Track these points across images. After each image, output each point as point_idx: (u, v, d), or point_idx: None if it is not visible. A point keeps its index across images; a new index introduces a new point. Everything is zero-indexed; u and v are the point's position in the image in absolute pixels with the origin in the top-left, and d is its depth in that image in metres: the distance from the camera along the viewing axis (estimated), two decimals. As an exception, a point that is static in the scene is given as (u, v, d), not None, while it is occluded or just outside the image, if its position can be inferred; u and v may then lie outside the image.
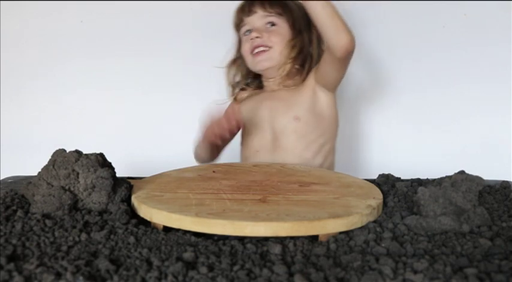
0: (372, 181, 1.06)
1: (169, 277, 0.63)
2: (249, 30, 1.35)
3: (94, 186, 0.88)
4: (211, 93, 1.64)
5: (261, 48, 1.32)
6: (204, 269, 0.65)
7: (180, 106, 1.68)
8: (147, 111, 1.69)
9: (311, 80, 1.33)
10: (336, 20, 1.12)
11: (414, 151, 1.63)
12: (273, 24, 1.33)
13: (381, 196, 0.92)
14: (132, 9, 1.64)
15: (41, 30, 1.66)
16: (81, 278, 0.62)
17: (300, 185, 0.98)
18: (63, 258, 0.68)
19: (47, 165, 0.90)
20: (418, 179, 1.09)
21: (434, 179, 0.99)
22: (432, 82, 1.60)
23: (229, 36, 1.42)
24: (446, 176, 0.91)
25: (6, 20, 1.65)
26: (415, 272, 0.64)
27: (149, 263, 0.67)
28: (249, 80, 1.44)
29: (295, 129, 1.31)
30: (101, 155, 0.93)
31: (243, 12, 1.36)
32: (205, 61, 1.64)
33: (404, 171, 1.14)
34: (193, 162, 1.15)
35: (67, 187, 0.87)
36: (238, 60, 1.44)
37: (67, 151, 0.91)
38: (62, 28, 1.66)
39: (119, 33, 1.65)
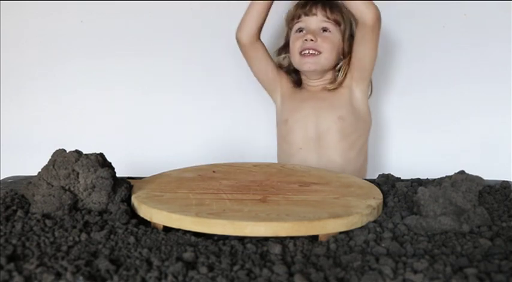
0: (372, 181, 1.06)
1: (169, 277, 0.63)
2: (302, 29, 1.37)
3: (94, 186, 0.88)
4: (211, 93, 1.64)
5: (311, 51, 1.34)
6: (204, 269, 0.65)
7: (180, 106, 1.68)
8: (147, 111, 1.69)
9: (348, 80, 1.37)
10: None
11: (414, 151, 1.63)
12: (326, 30, 1.35)
13: (381, 196, 0.92)
14: (132, 9, 1.63)
15: (41, 30, 1.66)
16: (81, 278, 0.62)
17: (300, 185, 0.98)
18: (63, 258, 0.68)
19: (47, 165, 0.90)
20: (418, 179, 1.09)
21: (434, 179, 0.99)
22: (432, 82, 1.60)
23: (230, 37, 1.42)
24: (446, 176, 0.91)
25: (6, 20, 1.65)
26: (415, 272, 0.64)
27: (149, 263, 0.67)
28: (291, 70, 1.47)
29: (340, 129, 1.35)
30: (101, 155, 0.93)
31: (304, 10, 1.37)
32: (205, 61, 1.64)
33: (404, 171, 1.14)
34: (194, 162, 1.15)
35: (67, 187, 0.87)
36: (285, 49, 1.46)
37: (67, 151, 0.91)
38: (62, 28, 1.66)
39: (119, 33, 1.65)
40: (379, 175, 1.09)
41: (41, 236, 0.76)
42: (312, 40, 1.33)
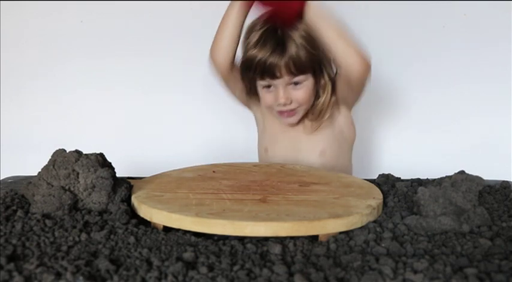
0: (372, 181, 1.06)
1: (169, 277, 0.63)
2: (269, 86, 1.23)
3: (94, 186, 0.88)
4: (211, 93, 1.64)
5: (288, 112, 1.25)
6: (204, 269, 0.65)
7: (180, 106, 1.68)
8: (147, 111, 1.69)
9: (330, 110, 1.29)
10: (345, 42, 1.09)
11: (414, 151, 1.63)
12: (298, 83, 1.22)
13: (381, 196, 0.92)
14: (132, 9, 1.64)
15: (41, 30, 1.66)
16: (81, 278, 0.62)
17: (300, 185, 0.98)
18: (63, 258, 0.68)
19: (47, 165, 0.90)
20: (418, 179, 1.09)
21: (434, 179, 0.99)
22: (432, 82, 1.60)
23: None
24: (446, 176, 0.91)
25: (6, 20, 1.65)
26: (415, 272, 0.64)
27: (149, 263, 0.67)
28: None
29: (321, 163, 1.29)
30: (101, 155, 0.93)
31: (264, 69, 1.18)
32: (205, 61, 1.64)
33: (404, 171, 1.14)
34: (194, 163, 1.15)
35: (67, 187, 0.87)
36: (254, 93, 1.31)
37: (67, 151, 0.91)
38: (62, 28, 1.66)
39: (119, 33, 1.65)
40: (379, 175, 1.09)
41: (41, 236, 0.76)
42: (285, 104, 1.22)
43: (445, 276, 0.63)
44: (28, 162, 1.06)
